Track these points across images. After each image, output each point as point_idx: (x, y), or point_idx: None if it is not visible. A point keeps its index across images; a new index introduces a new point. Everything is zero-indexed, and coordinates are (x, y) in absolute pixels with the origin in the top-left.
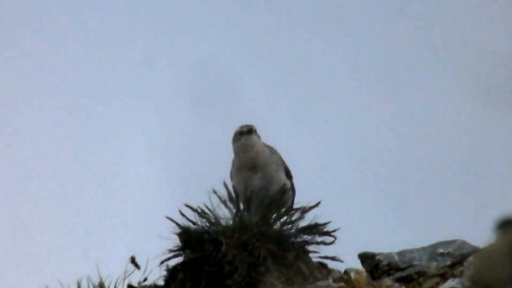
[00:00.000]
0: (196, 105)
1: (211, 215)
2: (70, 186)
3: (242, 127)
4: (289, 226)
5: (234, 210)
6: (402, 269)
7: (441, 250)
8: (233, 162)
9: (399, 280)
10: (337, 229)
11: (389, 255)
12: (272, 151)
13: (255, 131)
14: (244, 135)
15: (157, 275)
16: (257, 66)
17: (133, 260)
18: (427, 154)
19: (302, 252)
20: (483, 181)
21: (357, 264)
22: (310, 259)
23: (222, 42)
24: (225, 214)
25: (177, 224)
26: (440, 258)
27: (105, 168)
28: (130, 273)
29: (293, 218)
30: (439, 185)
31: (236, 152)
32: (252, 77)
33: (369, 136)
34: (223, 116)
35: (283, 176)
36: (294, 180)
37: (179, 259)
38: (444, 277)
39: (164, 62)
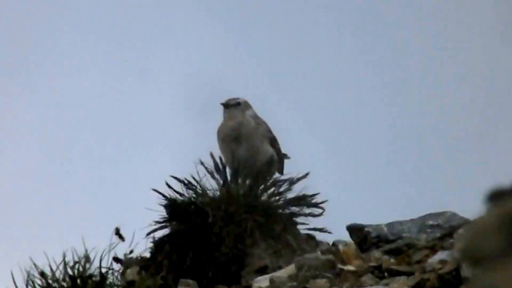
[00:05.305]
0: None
1: (197, 186)
2: (55, 158)
3: (228, 100)
4: (277, 197)
5: (221, 181)
6: (391, 241)
7: (430, 222)
8: (218, 132)
9: (388, 252)
10: (326, 201)
11: (378, 227)
12: (259, 122)
13: (239, 104)
14: (227, 107)
15: (143, 247)
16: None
17: (117, 232)
18: (416, 125)
19: (290, 223)
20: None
21: (346, 236)
22: (298, 231)
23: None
24: (212, 185)
25: (163, 195)
26: (429, 230)
27: (90, 139)
28: (116, 245)
29: (281, 189)
30: (429, 156)
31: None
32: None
33: (357, 105)
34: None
35: (270, 148)
36: (283, 151)
37: (165, 231)
38: (433, 249)
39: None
